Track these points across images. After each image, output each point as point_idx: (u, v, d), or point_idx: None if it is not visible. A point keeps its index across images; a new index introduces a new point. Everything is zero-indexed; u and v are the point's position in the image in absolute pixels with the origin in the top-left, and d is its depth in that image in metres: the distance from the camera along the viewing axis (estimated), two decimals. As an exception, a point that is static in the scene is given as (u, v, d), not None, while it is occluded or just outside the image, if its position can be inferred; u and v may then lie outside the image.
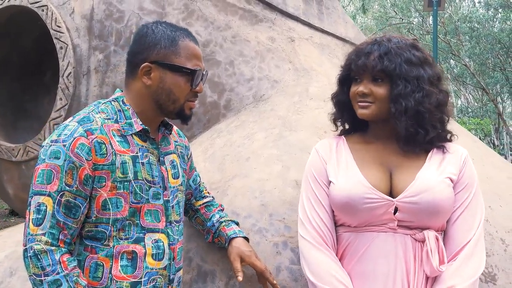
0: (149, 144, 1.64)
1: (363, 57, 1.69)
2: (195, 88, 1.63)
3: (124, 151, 1.56)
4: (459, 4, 23.73)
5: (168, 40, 1.59)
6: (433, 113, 1.67)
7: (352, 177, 1.68)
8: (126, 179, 1.55)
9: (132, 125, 1.60)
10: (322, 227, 1.70)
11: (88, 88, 2.97)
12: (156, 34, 1.60)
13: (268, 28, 2.99)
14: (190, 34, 1.65)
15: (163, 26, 1.63)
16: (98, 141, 1.51)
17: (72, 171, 1.47)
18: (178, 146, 1.80)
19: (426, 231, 1.63)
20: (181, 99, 1.62)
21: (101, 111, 1.60)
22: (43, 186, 1.47)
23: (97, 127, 1.53)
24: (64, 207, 1.47)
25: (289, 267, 1.99)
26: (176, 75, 1.60)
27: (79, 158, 1.48)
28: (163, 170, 1.67)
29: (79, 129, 1.50)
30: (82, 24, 3.00)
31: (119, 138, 1.57)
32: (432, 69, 1.70)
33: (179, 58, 1.59)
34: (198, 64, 1.62)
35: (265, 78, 2.78)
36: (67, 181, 1.47)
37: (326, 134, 2.33)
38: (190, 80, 1.61)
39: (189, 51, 1.61)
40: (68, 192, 1.47)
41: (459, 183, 1.68)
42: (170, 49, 1.59)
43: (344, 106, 1.81)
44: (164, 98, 1.61)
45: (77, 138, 1.49)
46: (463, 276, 1.59)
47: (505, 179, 2.47)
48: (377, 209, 1.63)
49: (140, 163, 1.59)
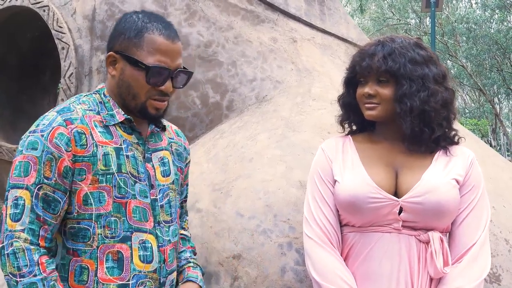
0: (134, 138, 1.56)
1: (367, 58, 1.69)
2: (158, 86, 1.50)
3: (106, 142, 1.48)
4: (456, 5, 23.80)
5: (134, 31, 1.49)
6: (438, 112, 1.66)
7: (357, 177, 1.68)
8: (109, 172, 1.47)
9: (114, 116, 1.53)
10: (327, 226, 1.70)
11: (90, 88, 2.96)
12: (126, 23, 1.52)
13: (270, 28, 2.99)
14: (166, 28, 1.51)
15: (138, 16, 1.52)
16: (78, 131, 1.45)
17: (51, 162, 1.40)
18: (173, 143, 1.70)
19: (431, 232, 1.63)
20: (141, 95, 1.51)
21: (82, 102, 1.54)
22: (20, 179, 1.39)
23: (77, 117, 1.47)
24: (42, 200, 1.40)
25: (294, 268, 1.99)
26: (134, 69, 1.49)
27: (57, 148, 1.41)
28: (149, 167, 1.57)
29: (58, 119, 1.45)
30: (84, 25, 2.99)
31: (101, 128, 1.50)
32: (437, 67, 1.70)
33: (140, 51, 1.48)
34: (162, 60, 1.48)
35: (267, 78, 2.78)
36: (45, 173, 1.40)
37: (329, 135, 2.33)
38: (146, 76, 1.49)
39: (154, 46, 1.47)
40: (46, 185, 1.40)
41: (465, 185, 1.68)
42: (133, 40, 1.48)
43: (351, 107, 1.81)
44: (124, 92, 1.53)
45: (56, 128, 1.43)
46: (468, 278, 1.59)
47: (508, 179, 2.48)
48: (382, 209, 1.63)
49: (125, 156, 1.51)
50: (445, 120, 1.70)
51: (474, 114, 24.92)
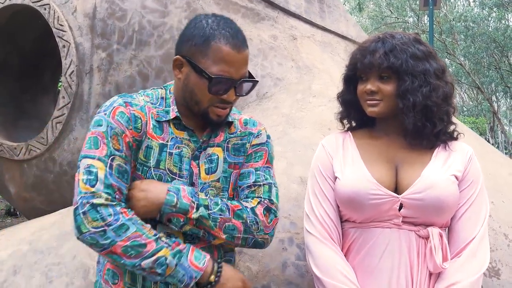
0: (186, 135, 1.59)
1: (368, 55, 1.69)
2: (220, 96, 1.51)
3: (153, 136, 1.54)
4: (454, 3, 23.78)
5: (201, 38, 1.49)
6: (440, 106, 1.68)
7: (357, 173, 1.69)
8: (147, 164, 1.53)
9: (168, 113, 1.58)
10: (328, 221, 1.71)
11: (90, 86, 2.97)
12: (195, 28, 1.52)
13: (270, 26, 3.00)
14: (234, 36, 1.50)
15: (208, 22, 1.51)
16: (135, 115, 1.53)
17: (117, 136, 1.48)
18: (233, 138, 1.66)
19: (430, 227, 1.64)
20: (204, 102, 1.53)
21: (146, 95, 1.61)
22: (90, 151, 1.46)
23: (138, 104, 1.56)
24: (117, 171, 1.46)
25: (295, 263, 2.00)
26: (198, 77, 1.50)
27: (119, 125, 1.49)
28: (194, 165, 1.58)
29: (118, 100, 1.54)
30: (85, 23, 3.00)
31: (155, 122, 1.56)
32: (437, 62, 1.71)
33: (206, 60, 1.49)
34: (226, 70, 1.48)
35: (268, 76, 2.79)
36: (115, 146, 1.47)
37: (329, 131, 2.34)
38: (209, 86, 1.50)
39: (219, 55, 1.47)
40: (118, 156, 1.47)
41: (464, 180, 1.69)
42: (199, 48, 1.49)
43: (351, 104, 1.82)
44: (188, 97, 1.55)
45: (116, 107, 1.52)
46: (467, 272, 1.60)
47: (507, 175, 2.50)
48: (382, 205, 1.64)
49: (167, 153, 1.55)
50: (445, 115, 1.71)
51: (472, 112, 24.94)
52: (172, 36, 2.87)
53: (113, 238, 1.38)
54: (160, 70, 2.84)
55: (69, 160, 3.12)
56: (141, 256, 1.40)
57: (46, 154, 3.24)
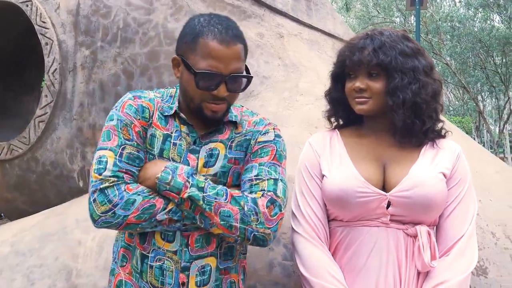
0: (186, 129, 1.65)
1: (357, 52, 1.67)
2: (211, 91, 1.54)
3: (158, 126, 1.63)
4: (440, 4, 23.98)
5: (191, 35, 1.55)
6: (429, 104, 1.67)
7: (345, 171, 1.68)
8: (152, 152, 1.61)
9: (172, 108, 1.66)
10: (315, 220, 1.69)
11: (74, 84, 2.92)
12: (187, 27, 1.59)
13: (256, 24, 2.98)
14: (222, 32, 1.52)
15: (200, 20, 1.57)
16: (143, 105, 1.62)
17: (126, 127, 1.57)
18: (238, 136, 1.69)
19: (419, 226, 1.63)
20: (195, 98, 1.57)
21: (158, 92, 1.71)
22: (103, 143, 1.56)
23: (147, 97, 1.66)
24: (126, 157, 1.54)
25: (281, 263, 1.98)
26: (188, 73, 1.56)
27: (128, 116, 1.58)
28: (191, 158, 1.62)
29: (128, 95, 1.65)
30: (68, 20, 2.95)
31: (160, 115, 1.64)
32: (425, 59, 1.71)
33: (194, 56, 1.53)
34: (213, 65, 1.51)
35: (254, 74, 2.76)
36: (125, 136, 1.56)
37: (317, 129, 2.33)
38: (195, 81, 1.54)
39: (206, 51, 1.51)
40: (129, 145, 1.55)
41: (452, 178, 1.68)
42: (189, 45, 1.55)
43: (339, 102, 1.80)
44: (184, 94, 1.63)
45: (126, 101, 1.62)
46: (456, 271, 1.60)
47: (494, 173, 2.50)
48: (370, 203, 1.62)
49: (171, 143, 1.63)
50: (434, 112, 1.71)
51: (458, 112, 25.16)
52: (158, 34, 2.83)
53: (124, 214, 1.48)
54: (145, 67, 2.79)
55: (52, 160, 3.07)
56: (154, 214, 1.51)
57: (28, 154, 3.18)
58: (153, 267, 1.58)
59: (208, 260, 1.61)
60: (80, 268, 2.32)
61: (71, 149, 2.96)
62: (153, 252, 1.58)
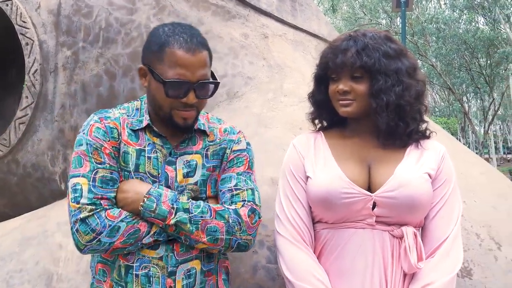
0: (159, 141, 1.66)
1: (340, 54, 1.65)
2: (180, 99, 1.57)
3: (129, 143, 1.64)
4: (426, 5, 24.19)
5: (157, 45, 1.57)
6: (413, 105, 1.66)
7: (330, 172, 1.66)
8: (127, 169, 1.62)
9: (142, 122, 1.67)
10: (299, 223, 1.67)
11: (55, 85, 2.87)
12: (153, 36, 1.62)
13: (241, 24, 2.95)
14: (187, 41, 1.57)
15: (164, 29, 1.60)
16: (110, 126, 1.63)
17: (97, 151, 1.58)
18: (212, 146, 1.73)
19: (404, 227, 1.62)
20: (165, 107, 1.60)
21: (122, 108, 1.71)
22: (75, 170, 1.57)
23: (113, 117, 1.66)
24: (100, 181, 1.56)
25: (265, 266, 1.96)
26: (156, 82, 1.58)
27: (97, 140, 1.60)
28: (169, 169, 1.65)
29: (94, 117, 1.65)
30: (49, 20, 2.90)
31: (130, 131, 1.65)
32: (408, 60, 1.70)
33: (162, 65, 1.56)
34: (181, 73, 1.54)
35: (238, 75, 2.74)
36: (97, 160, 1.58)
37: (301, 131, 2.31)
38: (164, 90, 1.57)
39: (173, 59, 1.54)
40: (101, 169, 1.57)
41: (437, 179, 1.68)
42: (156, 54, 1.57)
43: (323, 105, 1.78)
44: (152, 103, 1.65)
45: (92, 124, 1.62)
46: (441, 272, 1.59)
47: (478, 174, 2.50)
48: (355, 204, 1.61)
49: (146, 157, 1.64)
50: (418, 113, 1.70)
51: (443, 113, 25.38)
52: (140, 34, 2.79)
53: (110, 241, 1.52)
54: (127, 68, 2.76)
55: (33, 162, 3.02)
56: (140, 238, 1.56)
57: (9, 156, 3.12)
58: (138, 275, 1.59)
59: (193, 264, 1.63)
60: (61, 272, 2.28)
61: (53, 151, 2.91)
62: (138, 261, 1.59)
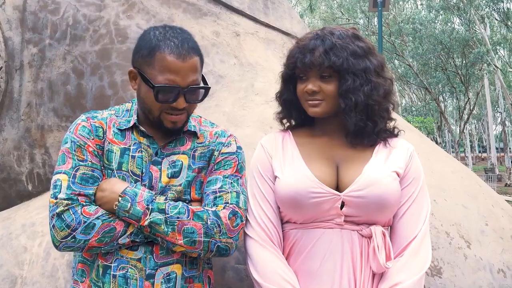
0: (146, 141, 1.66)
1: (308, 54, 1.63)
2: (170, 104, 1.57)
3: (114, 141, 1.65)
4: (403, 6, 24.45)
5: (147, 49, 1.57)
6: (381, 104, 1.66)
7: (298, 172, 1.65)
8: (110, 167, 1.63)
9: (129, 122, 1.67)
10: (267, 224, 1.65)
11: (21, 83, 2.79)
12: (143, 40, 1.61)
13: (212, 22, 2.92)
14: (179, 46, 1.56)
15: (156, 33, 1.59)
16: (96, 125, 1.65)
17: (80, 148, 1.61)
18: (200, 147, 1.71)
19: (373, 226, 1.62)
20: (154, 111, 1.60)
21: (112, 109, 1.74)
22: (59, 167, 1.60)
23: (100, 116, 1.69)
24: (80, 179, 1.57)
25: (234, 267, 1.94)
26: (146, 86, 1.58)
27: (81, 138, 1.62)
28: (154, 169, 1.64)
29: (82, 117, 1.69)
30: (14, 16, 2.82)
31: (116, 130, 1.66)
32: (376, 58, 1.69)
33: (152, 70, 1.56)
34: (171, 79, 1.54)
35: (209, 73, 2.70)
36: (79, 158, 1.60)
37: (272, 130, 2.29)
38: (154, 95, 1.56)
39: (163, 64, 1.54)
40: (83, 166, 1.59)
41: (405, 178, 1.67)
42: (146, 59, 1.57)
43: (291, 104, 1.77)
44: (142, 106, 1.65)
45: (79, 123, 1.65)
46: (410, 272, 1.58)
47: (450, 173, 2.51)
48: (323, 203, 1.60)
49: (130, 156, 1.64)
50: (386, 112, 1.70)
51: (420, 112, 25.69)
52: (109, 31, 2.73)
53: (85, 238, 1.52)
54: (96, 66, 2.69)
55: (-2, 162, 2.94)
56: (115, 237, 1.55)
57: (-26, 156, 3.03)
58: (116, 276, 1.57)
59: (173, 268, 1.61)
60: (25, 275, 2.22)
61: (19, 151, 2.83)
62: (116, 261, 1.57)
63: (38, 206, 2.54)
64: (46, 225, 2.30)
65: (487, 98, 24.02)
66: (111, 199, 1.56)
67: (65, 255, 2.17)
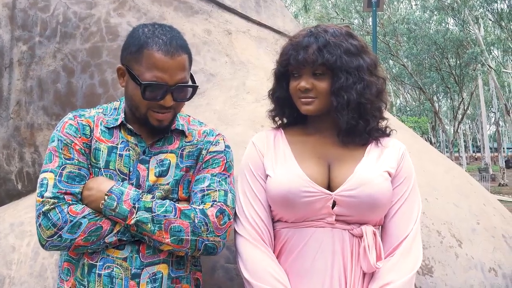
0: (133, 140, 1.65)
1: (301, 51, 1.62)
2: (157, 101, 1.56)
3: (101, 140, 1.64)
4: (397, 6, 24.52)
5: (136, 46, 1.57)
6: (373, 103, 1.65)
7: (289, 170, 1.64)
8: (97, 166, 1.62)
9: (117, 120, 1.66)
10: (258, 223, 1.64)
11: (10, 81, 2.77)
12: (132, 37, 1.60)
13: (204, 20, 2.90)
14: (167, 43, 1.55)
15: (144, 30, 1.59)
16: (83, 124, 1.65)
17: (67, 147, 1.60)
18: (189, 146, 1.71)
19: (364, 226, 1.61)
20: (141, 108, 1.59)
21: (100, 108, 1.73)
22: (46, 166, 1.59)
23: (87, 115, 1.68)
24: (66, 177, 1.56)
25: (224, 266, 1.93)
26: (134, 84, 1.57)
27: (68, 136, 1.61)
28: (141, 168, 1.63)
29: (69, 115, 1.68)
30: (4, 13, 2.79)
31: (104, 128, 1.66)
32: (369, 57, 1.68)
33: (139, 67, 1.56)
34: (158, 76, 1.53)
35: (200, 71, 2.68)
36: (66, 156, 1.59)
37: (263, 128, 2.28)
38: (141, 92, 1.56)
39: (151, 61, 1.53)
40: (69, 164, 1.58)
41: (397, 177, 1.67)
42: (134, 55, 1.57)
43: (284, 102, 1.75)
44: (129, 103, 1.64)
45: (66, 121, 1.65)
46: (401, 272, 1.58)
47: (442, 172, 2.50)
48: (315, 203, 1.59)
49: (117, 154, 1.63)
50: (378, 111, 1.69)
51: (414, 112, 25.76)
52: (100, 29, 2.71)
53: (71, 237, 1.51)
54: (86, 64, 2.67)
55: (-13, 161, 2.91)
56: (102, 236, 1.54)
57: (-37, 155, 3.00)
58: (101, 275, 1.56)
59: (160, 268, 1.60)
60: (13, 275, 2.20)
61: (8, 150, 2.81)
62: (102, 260, 1.56)
63: (27, 205, 2.52)
64: (34, 225, 2.28)
65: (481, 98, 24.12)
66: (97, 197, 1.55)
67: (54, 254, 2.15)
